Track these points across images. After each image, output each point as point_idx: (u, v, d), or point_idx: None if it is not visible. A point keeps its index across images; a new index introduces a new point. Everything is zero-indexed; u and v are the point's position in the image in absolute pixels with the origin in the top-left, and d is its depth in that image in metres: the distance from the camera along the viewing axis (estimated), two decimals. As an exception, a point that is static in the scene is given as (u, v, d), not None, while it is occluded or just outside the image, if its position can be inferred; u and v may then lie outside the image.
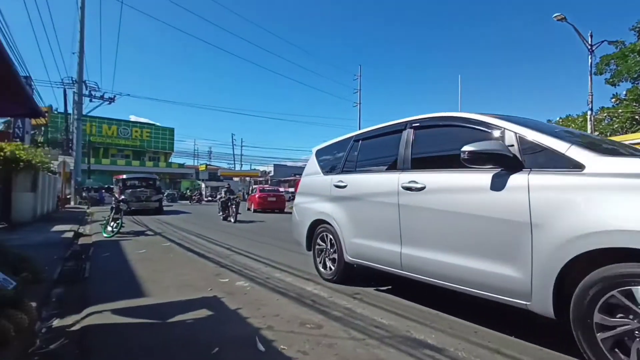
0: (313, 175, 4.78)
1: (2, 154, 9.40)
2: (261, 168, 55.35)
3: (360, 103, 33.30)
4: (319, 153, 4.93)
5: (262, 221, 13.11)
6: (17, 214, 10.20)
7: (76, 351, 2.43)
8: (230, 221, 12.49)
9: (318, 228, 4.45)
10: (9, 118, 14.51)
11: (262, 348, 2.42)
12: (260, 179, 48.20)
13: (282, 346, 2.44)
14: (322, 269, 4.35)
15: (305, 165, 5.16)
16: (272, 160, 71.77)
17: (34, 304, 2.83)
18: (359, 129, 5.46)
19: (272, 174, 49.39)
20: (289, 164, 54.54)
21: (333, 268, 4.15)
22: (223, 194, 13.82)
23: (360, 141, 4.13)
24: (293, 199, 8.33)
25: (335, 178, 4.21)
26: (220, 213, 13.43)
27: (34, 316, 2.70)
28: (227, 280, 4.31)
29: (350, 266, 3.98)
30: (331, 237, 4.17)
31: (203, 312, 3.15)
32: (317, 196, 4.52)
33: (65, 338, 2.62)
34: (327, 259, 4.27)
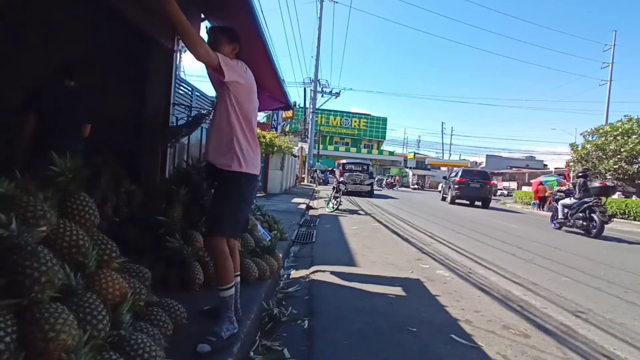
0: None
1: (264, 140, 12.58)
2: (471, 158, 51.62)
3: (610, 80, 25.52)
4: None
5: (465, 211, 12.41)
6: (270, 186, 13.47)
7: (306, 297, 3.11)
8: None
9: None
10: (270, 112, 19.02)
11: (458, 339, 2.43)
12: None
13: (480, 343, 2.38)
14: None
15: (526, 157, 4.63)
16: (485, 151, 65.87)
17: (280, 255, 3.77)
18: (606, 114, 4.35)
19: (483, 165, 45.38)
20: (504, 154, 48.77)
21: None
22: None
23: None
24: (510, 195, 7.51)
25: None
26: None
27: (280, 264, 3.60)
28: (427, 266, 4.41)
29: None
30: None
31: (404, 291, 3.38)
32: None
33: (299, 285, 3.39)
34: None
